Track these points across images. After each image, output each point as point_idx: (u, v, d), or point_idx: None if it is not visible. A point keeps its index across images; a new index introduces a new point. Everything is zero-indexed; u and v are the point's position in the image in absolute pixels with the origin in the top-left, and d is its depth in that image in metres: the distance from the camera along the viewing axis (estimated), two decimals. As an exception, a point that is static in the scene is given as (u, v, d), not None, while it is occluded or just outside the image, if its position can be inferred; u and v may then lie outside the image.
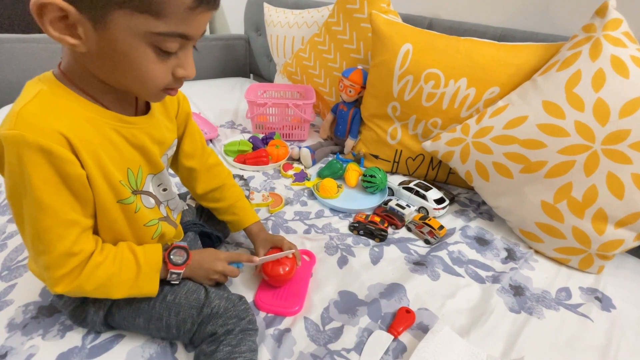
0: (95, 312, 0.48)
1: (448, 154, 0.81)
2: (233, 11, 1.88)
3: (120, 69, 0.37)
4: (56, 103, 0.37)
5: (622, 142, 0.61)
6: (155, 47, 0.36)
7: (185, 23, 0.35)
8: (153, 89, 0.40)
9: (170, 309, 0.47)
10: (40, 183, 0.36)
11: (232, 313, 0.47)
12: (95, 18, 0.33)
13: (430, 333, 0.51)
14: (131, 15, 0.33)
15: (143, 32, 0.35)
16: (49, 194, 0.36)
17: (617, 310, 0.61)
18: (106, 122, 0.41)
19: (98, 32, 0.34)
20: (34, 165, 0.35)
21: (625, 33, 0.65)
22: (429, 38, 0.83)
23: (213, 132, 1.08)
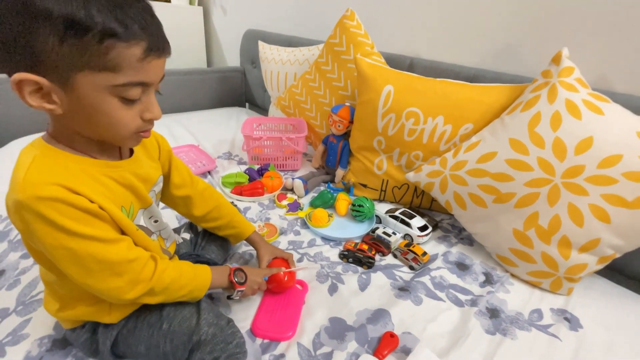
0: (103, 342, 0.52)
1: (429, 184, 0.89)
2: (230, 45, 2.00)
3: (94, 121, 0.42)
4: (51, 163, 0.42)
5: (578, 176, 0.68)
6: (119, 97, 0.41)
7: (140, 72, 0.41)
8: (126, 134, 0.45)
9: (165, 336, 0.52)
10: (71, 222, 0.40)
11: (219, 339, 0.51)
12: (63, 83, 0.38)
13: (412, 356, 0.56)
14: (92, 74, 0.38)
15: (105, 86, 0.39)
16: (83, 226, 0.41)
17: (584, 329, 0.66)
18: (96, 170, 0.46)
19: (68, 94, 0.39)
20: (56, 210, 0.39)
21: (577, 79, 0.74)
22: (409, 80, 0.92)
23: (211, 164, 1.15)
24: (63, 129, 0.44)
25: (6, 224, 0.83)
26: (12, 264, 0.72)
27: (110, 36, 0.37)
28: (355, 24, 1.07)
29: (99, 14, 0.36)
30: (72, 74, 0.38)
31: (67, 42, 0.36)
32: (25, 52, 0.36)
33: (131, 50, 0.39)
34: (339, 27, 1.10)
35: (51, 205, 0.39)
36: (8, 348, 0.55)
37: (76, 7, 0.35)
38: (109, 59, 0.38)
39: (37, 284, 0.67)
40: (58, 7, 0.35)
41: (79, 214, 0.41)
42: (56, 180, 0.40)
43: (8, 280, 0.68)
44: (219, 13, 1.99)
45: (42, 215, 0.39)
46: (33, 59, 0.36)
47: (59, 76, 0.38)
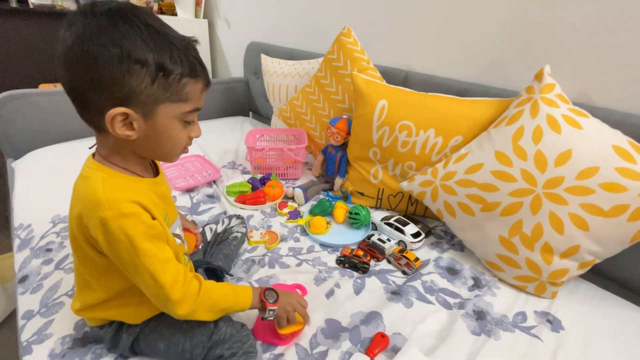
0: (127, 337, 0.59)
1: (421, 193, 0.94)
2: (234, 56, 2.07)
3: (161, 143, 0.51)
4: (118, 183, 0.50)
5: (559, 187, 0.73)
6: (183, 122, 0.51)
7: (198, 101, 0.51)
8: (179, 151, 0.55)
9: (185, 335, 0.58)
10: (140, 237, 0.47)
11: (236, 338, 0.58)
12: (146, 113, 0.47)
13: (400, 354, 0.61)
14: (170, 105, 0.48)
15: (177, 114, 0.50)
16: (148, 243, 0.48)
17: (565, 331, 0.71)
18: (146, 187, 0.54)
19: (147, 122, 0.48)
20: (133, 226, 0.47)
21: (558, 95, 0.78)
22: (401, 95, 0.97)
23: (216, 174, 1.21)
24: (121, 152, 0.51)
25: (28, 232, 0.90)
26: (34, 269, 0.78)
27: (187, 76, 0.48)
28: (352, 41, 1.13)
29: (179, 59, 0.46)
30: (156, 106, 0.47)
31: (157, 82, 0.46)
32: (123, 90, 0.44)
33: (197, 85, 0.50)
34: (337, 43, 1.16)
35: (130, 221, 0.47)
36: (34, 346, 0.61)
37: (165, 56, 0.45)
38: (184, 93, 0.48)
39: (59, 288, 0.73)
40: (152, 56, 0.44)
41: (147, 231, 0.48)
42: (131, 198, 0.48)
43: (32, 284, 0.74)
44: (223, 26, 2.07)
45: (124, 231, 0.46)
46: (128, 95, 0.45)
47: (145, 108, 0.47)
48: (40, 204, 1.00)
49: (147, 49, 0.44)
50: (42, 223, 0.93)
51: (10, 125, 1.28)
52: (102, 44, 0.42)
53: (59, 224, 0.93)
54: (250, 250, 0.89)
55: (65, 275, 0.77)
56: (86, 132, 1.43)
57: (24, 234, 0.89)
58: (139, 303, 0.56)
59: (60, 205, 0.99)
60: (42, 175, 1.14)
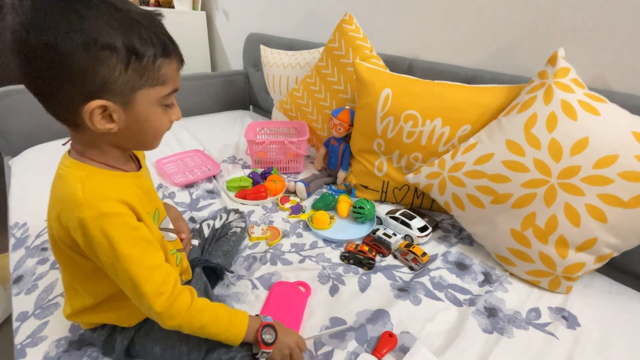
0: (121, 341, 0.56)
1: (428, 186, 0.90)
2: (233, 49, 2.02)
3: (143, 131, 0.48)
4: (98, 180, 0.46)
5: (575, 177, 0.69)
6: (162, 106, 0.48)
7: (175, 81, 0.48)
8: (160, 137, 0.51)
9: (181, 339, 0.55)
10: (122, 240, 0.44)
11: None
12: (124, 103, 0.44)
13: (409, 354, 0.58)
14: (148, 91, 0.45)
15: (156, 98, 0.46)
16: (131, 247, 0.45)
17: (581, 328, 0.67)
18: (130, 181, 0.50)
19: (127, 112, 0.45)
20: (114, 228, 0.43)
21: (573, 80, 0.74)
22: (406, 83, 0.93)
23: (216, 169, 1.18)
24: (99, 146, 0.48)
25: (23, 230, 0.87)
26: (29, 269, 0.76)
27: (160, 56, 0.44)
28: (354, 28, 1.09)
29: (148, 38, 0.42)
30: (134, 94, 0.44)
31: (130, 67, 0.42)
32: (95, 81, 0.40)
33: (172, 64, 0.46)
34: (338, 31, 1.11)
35: (112, 222, 0.43)
36: (28, 349, 0.59)
37: (134, 37, 0.41)
38: (160, 75, 0.45)
39: (54, 288, 0.71)
40: (120, 39, 0.40)
41: (131, 233, 0.45)
42: (114, 196, 0.45)
43: (26, 285, 0.72)
44: (221, 18, 2.02)
45: (104, 232, 0.43)
46: (102, 86, 0.41)
47: (122, 98, 0.43)
48: (36, 202, 0.97)
49: (112, 31, 0.40)
50: (37, 221, 0.90)
51: (5, 122, 1.26)
52: (61, 31, 0.37)
53: (55, 222, 0.90)
54: (251, 247, 0.86)
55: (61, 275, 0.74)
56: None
57: (19, 233, 0.87)
58: (131, 305, 0.51)
59: (57, 203, 0.97)
60: (38, 173, 1.11)
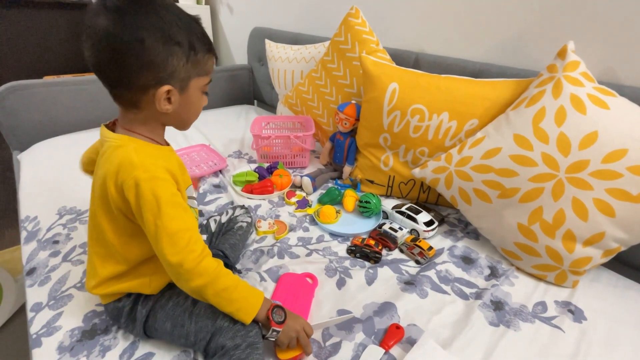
0: (141, 310, 0.59)
1: (434, 180, 0.90)
2: (237, 43, 2.02)
3: (189, 113, 0.59)
4: (148, 151, 0.55)
5: (583, 171, 0.69)
6: (203, 93, 0.59)
7: (211, 71, 0.59)
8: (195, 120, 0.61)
9: (191, 317, 0.58)
10: (166, 201, 0.51)
11: (240, 326, 0.56)
12: (181, 88, 0.54)
13: (416, 346, 0.59)
14: (198, 79, 0.56)
15: (201, 86, 0.57)
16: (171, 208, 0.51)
17: (587, 321, 0.68)
18: (169, 155, 0.59)
19: (182, 96, 0.55)
20: (162, 189, 0.51)
21: (583, 73, 0.73)
22: (413, 77, 0.93)
23: (222, 163, 1.19)
24: (150, 123, 0.57)
25: (34, 224, 0.89)
26: (42, 262, 0.77)
27: (207, 52, 0.55)
28: (360, 22, 1.08)
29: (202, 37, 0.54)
30: (189, 81, 0.54)
31: (190, 59, 0.53)
32: (167, 70, 0.51)
33: (212, 59, 0.57)
34: (344, 25, 1.11)
35: (161, 185, 0.51)
36: (43, 339, 0.60)
37: (192, 35, 0.52)
38: (207, 67, 0.56)
39: (66, 280, 0.72)
40: (185, 37, 0.51)
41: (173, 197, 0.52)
42: (162, 164, 0.53)
43: (39, 277, 0.73)
44: (225, 12, 2.02)
45: (154, 192, 0.50)
46: (170, 75, 0.51)
47: (181, 84, 0.54)
48: (46, 196, 0.99)
49: (180, 30, 0.50)
50: (48, 215, 0.92)
51: (14, 117, 1.27)
52: (147, 28, 0.48)
53: (65, 216, 0.92)
54: (258, 241, 0.87)
55: (73, 267, 0.76)
56: (91, 123, 1.41)
57: (30, 226, 0.88)
58: (153, 273, 0.59)
59: (66, 197, 0.98)
60: (47, 167, 1.13)
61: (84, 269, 0.75)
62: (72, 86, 1.36)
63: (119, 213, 0.54)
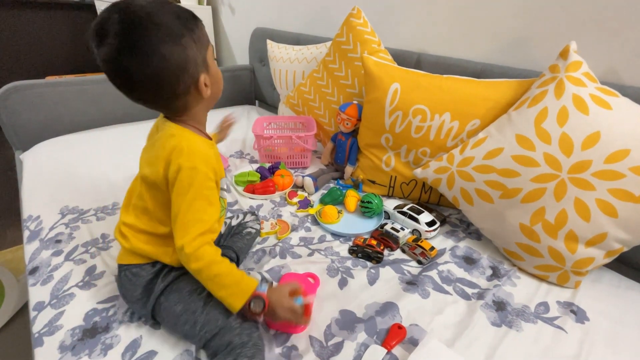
0: (160, 282, 0.62)
1: (436, 180, 0.90)
2: (239, 44, 2.02)
3: (218, 84, 0.61)
4: (197, 143, 0.58)
5: (585, 171, 0.69)
6: (215, 60, 0.61)
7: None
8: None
9: (205, 306, 0.58)
10: (196, 191, 0.56)
11: (246, 326, 0.57)
12: (206, 68, 0.57)
13: (420, 345, 0.59)
14: (208, 51, 0.58)
15: (211, 54, 0.59)
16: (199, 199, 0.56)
17: (590, 322, 0.68)
18: (212, 144, 0.63)
19: (209, 75, 0.58)
20: (197, 180, 0.56)
21: (585, 73, 0.73)
22: (415, 77, 0.93)
23: (224, 163, 1.19)
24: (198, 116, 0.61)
25: (37, 223, 0.89)
26: (44, 261, 0.77)
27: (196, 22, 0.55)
28: (362, 22, 1.08)
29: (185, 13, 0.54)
30: (205, 59, 0.57)
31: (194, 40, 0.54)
32: (190, 62, 0.54)
33: (201, 24, 0.57)
34: (346, 25, 1.11)
35: (197, 176, 0.56)
36: (45, 338, 0.60)
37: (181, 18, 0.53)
38: (204, 35, 0.57)
39: (69, 279, 0.72)
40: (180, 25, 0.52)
41: (203, 189, 0.57)
42: (206, 154, 0.58)
43: (42, 276, 0.73)
44: (227, 12, 2.02)
45: (189, 180, 0.55)
46: (195, 65, 0.54)
47: (204, 65, 0.57)
48: (48, 195, 0.99)
49: (174, 21, 0.51)
50: (50, 214, 0.92)
51: (16, 117, 1.27)
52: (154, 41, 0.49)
53: (68, 215, 0.92)
54: (260, 242, 0.87)
55: (76, 266, 0.76)
56: (93, 123, 1.41)
57: (33, 226, 0.88)
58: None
59: (69, 197, 0.99)
60: (49, 167, 1.13)
61: (86, 267, 0.75)
62: (74, 86, 1.36)
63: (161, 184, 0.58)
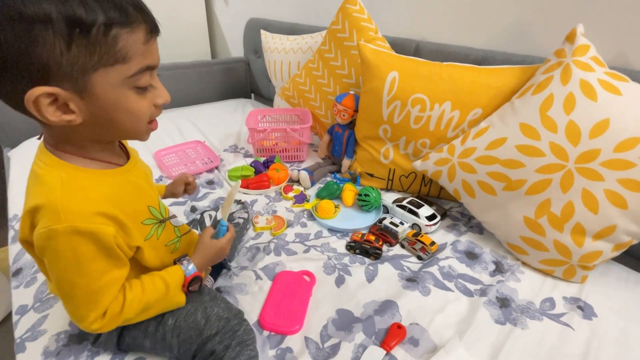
0: (110, 332, 0.53)
1: (437, 173, 0.87)
2: (233, 35, 1.97)
3: (116, 121, 0.41)
4: (81, 185, 0.42)
5: (593, 161, 0.65)
6: (134, 88, 0.40)
7: (146, 56, 0.40)
8: (144, 126, 0.44)
9: (172, 331, 0.53)
10: (89, 258, 0.41)
11: (227, 329, 0.53)
12: (79, 89, 0.37)
13: (443, 352, 0.56)
14: (106, 72, 0.37)
15: (120, 80, 0.39)
16: (96, 264, 0.42)
17: (597, 318, 0.65)
18: (121, 178, 0.46)
19: (86, 100, 0.38)
20: (83, 245, 0.40)
21: (593, 58, 0.69)
22: (414, 65, 0.89)
23: (216, 161, 1.15)
24: (74, 139, 0.42)
25: (22, 223, 0.86)
26: (28, 262, 0.74)
27: (116, 25, 0.36)
28: (358, 9, 1.04)
29: (96, 4, 0.34)
30: (87, 76, 0.37)
31: (75, 43, 0.34)
32: (33, 64, 0.34)
33: (135, 35, 0.38)
34: (341, 12, 1.06)
35: (84, 241, 0.40)
36: (28, 343, 0.58)
37: (74, 4, 0.33)
38: (118, 49, 0.37)
39: (53, 281, 0.69)
40: (56, 8, 0.33)
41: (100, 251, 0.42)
42: (95, 209, 0.41)
43: (25, 278, 0.70)
44: (220, 3, 1.96)
45: (73, 248, 0.40)
46: (43, 71, 0.34)
47: (74, 82, 0.36)
48: (35, 194, 0.96)
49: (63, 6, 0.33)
50: (37, 213, 0.89)
51: (3, 113, 1.23)
52: None
53: (55, 214, 0.88)
54: (254, 237, 0.84)
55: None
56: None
57: (18, 225, 0.85)
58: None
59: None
60: (37, 164, 1.09)
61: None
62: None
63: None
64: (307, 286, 0.70)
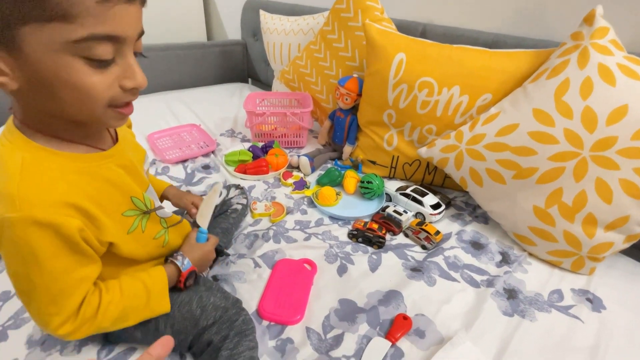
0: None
1: (443, 160, 0.83)
2: (230, 17, 1.90)
3: (58, 94, 0.33)
4: (45, 169, 0.36)
5: (609, 149, 0.63)
6: (84, 58, 0.32)
7: (105, 22, 0.31)
8: (99, 108, 0.35)
9: (165, 322, 0.50)
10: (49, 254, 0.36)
11: (224, 319, 0.50)
12: (6, 44, 0.30)
13: (450, 345, 0.53)
14: (40, 28, 0.29)
15: (60, 43, 0.30)
16: (59, 260, 0.37)
17: (607, 310, 0.63)
18: (98, 165, 0.41)
19: (17, 60, 0.31)
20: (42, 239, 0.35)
21: (612, 41, 0.66)
22: (422, 47, 0.85)
23: (212, 145, 1.10)
24: (33, 111, 0.36)
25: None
26: (12, 246, 0.70)
27: None
28: (364, -13, 0.99)
29: None
30: (15, 29, 0.29)
31: None
32: None
33: None
34: (346, -10, 1.01)
35: (43, 234, 0.35)
36: (10, 332, 0.54)
37: None
38: (56, 2, 0.29)
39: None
40: None
41: (64, 246, 0.37)
42: (59, 197, 0.35)
43: (9, 262, 0.66)
44: (217, -18, 1.88)
45: (29, 242, 0.35)
46: None
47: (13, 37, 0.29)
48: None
49: None
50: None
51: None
52: None
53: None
54: (252, 224, 0.80)
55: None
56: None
57: None
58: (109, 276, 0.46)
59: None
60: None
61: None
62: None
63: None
64: (308, 275, 0.67)
